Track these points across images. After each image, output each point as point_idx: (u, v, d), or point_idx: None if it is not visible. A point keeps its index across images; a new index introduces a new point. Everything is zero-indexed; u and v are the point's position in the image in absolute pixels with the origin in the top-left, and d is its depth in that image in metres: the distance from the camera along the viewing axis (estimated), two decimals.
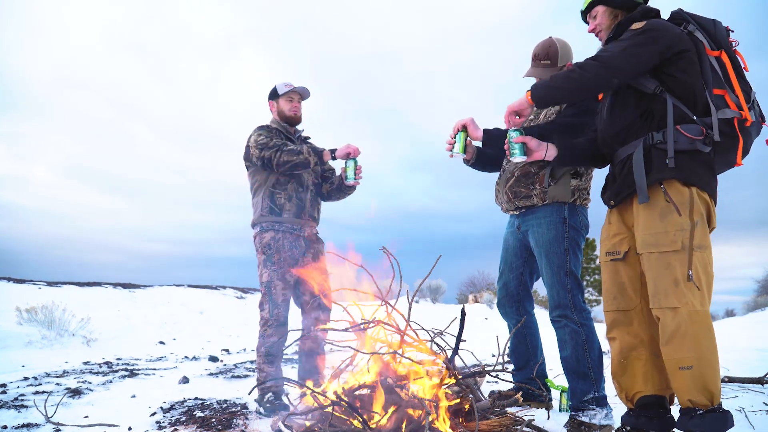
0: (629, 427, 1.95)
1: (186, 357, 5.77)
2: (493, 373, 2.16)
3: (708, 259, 1.76)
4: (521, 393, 2.35)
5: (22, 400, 3.09)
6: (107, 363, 5.11)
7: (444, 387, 1.97)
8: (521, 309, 2.65)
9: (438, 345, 2.22)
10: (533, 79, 2.47)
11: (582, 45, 2.38)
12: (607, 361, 3.10)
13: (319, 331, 2.78)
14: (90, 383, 3.77)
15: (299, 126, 3.10)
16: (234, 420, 2.54)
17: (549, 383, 2.66)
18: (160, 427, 2.46)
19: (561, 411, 2.60)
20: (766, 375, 3.20)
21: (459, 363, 2.28)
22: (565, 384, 2.51)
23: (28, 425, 2.49)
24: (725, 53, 1.82)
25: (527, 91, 1.93)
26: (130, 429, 2.44)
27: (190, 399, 3.18)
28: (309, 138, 3.18)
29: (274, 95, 3.05)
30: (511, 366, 2.77)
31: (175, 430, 2.39)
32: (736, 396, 2.94)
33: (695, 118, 1.77)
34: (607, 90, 1.97)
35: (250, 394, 2.67)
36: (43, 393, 3.29)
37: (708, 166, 1.80)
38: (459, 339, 2.08)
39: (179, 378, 3.95)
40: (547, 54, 2.42)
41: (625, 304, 1.96)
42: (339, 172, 3.02)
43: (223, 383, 3.89)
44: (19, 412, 2.77)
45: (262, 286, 2.88)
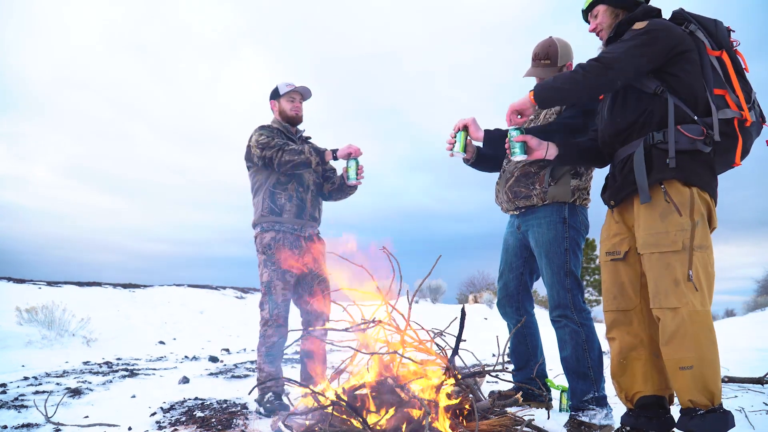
0: (629, 428, 1.95)
1: (186, 357, 5.77)
2: (493, 373, 2.16)
3: (709, 259, 1.76)
4: (521, 393, 2.34)
5: (22, 400, 3.09)
6: (107, 363, 5.11)
7: (444, 387, 1.97)
8: (521, 309, 2.65)
9: (438, 345, 2.22)
10: (533, 79, 2.47)
11: (582, 45, 2.38)
12: (607, 361, 3.09)
13: (319, 332, 2.78)
14: (90, 383, 3.77)
15: (300, 126, 3.10)
16: (234, 420, 2.54)
17: (549, 383, 2.66)
18: (160, 427, 2.46)
19: (561, 411, 2.60)
20: (766, 375, 3.20)
21: (459, 363, 2.27)
22: (565, 384, 2.51)
23: (28, 425, 2.49)
24: (726, 53, 1.82)
25: (530, 91, 1.93)
26: (130, 429, 2.44)
27: (190, 399, 3.17)
28: (310, 138, 3.18)
29: (275, 95, 3.05)
30: (511, 366, 2.77)
31: (175, 430, 2.39)
32: (736, 396, 2.94)
33: (696, 118, 1.76)
34: (610, 91, 1.96)
35: (250, 394, 2.68)
36: (43, 393, 3.29)
37: (708, 166, 1.79)
38: (459, 339, 2.08)
39: (179, 378, 3.95)
40: (548, 54, 2.42)
41: (625, 304, 1.96)
42: (340, 171, 3.02)
43: (223, 383, 3.89)
44: (19, 412, 2.77)
45: (262, 286, 2.88)
